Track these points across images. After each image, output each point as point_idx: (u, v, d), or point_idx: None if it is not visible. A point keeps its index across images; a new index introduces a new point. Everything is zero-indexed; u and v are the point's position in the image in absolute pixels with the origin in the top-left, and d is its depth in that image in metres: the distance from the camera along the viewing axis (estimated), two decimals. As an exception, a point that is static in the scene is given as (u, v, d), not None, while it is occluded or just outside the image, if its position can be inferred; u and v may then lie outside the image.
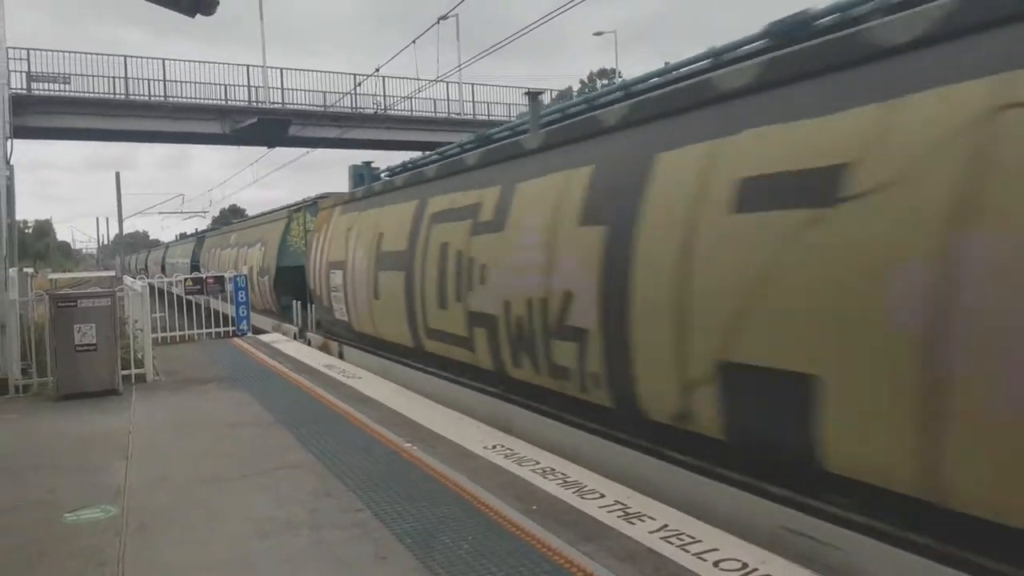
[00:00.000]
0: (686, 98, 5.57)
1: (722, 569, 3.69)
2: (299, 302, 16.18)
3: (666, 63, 7.54)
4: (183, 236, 52.98)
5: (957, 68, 3.59)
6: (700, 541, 4.03)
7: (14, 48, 27.90)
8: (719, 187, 4.81)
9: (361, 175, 15.25)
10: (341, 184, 19.81)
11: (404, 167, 13.67)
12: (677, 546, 3.97)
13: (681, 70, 7.13)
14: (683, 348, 5.04)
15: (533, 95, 8.85)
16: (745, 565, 3.72)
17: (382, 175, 14.51)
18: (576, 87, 59.00)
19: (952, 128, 3.52)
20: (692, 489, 5.04)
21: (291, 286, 17.16)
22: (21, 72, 28.04)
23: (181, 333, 14.62)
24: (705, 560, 3.79)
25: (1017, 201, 3.21)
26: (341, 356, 12.86)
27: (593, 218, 6.13)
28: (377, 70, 24.09)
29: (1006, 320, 3.22)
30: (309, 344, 14.54)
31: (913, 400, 3.59)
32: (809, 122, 4.29)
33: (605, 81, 58.86)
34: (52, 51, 29.14)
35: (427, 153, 14.85)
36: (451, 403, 8.01)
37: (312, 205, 17.03)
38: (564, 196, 6.57)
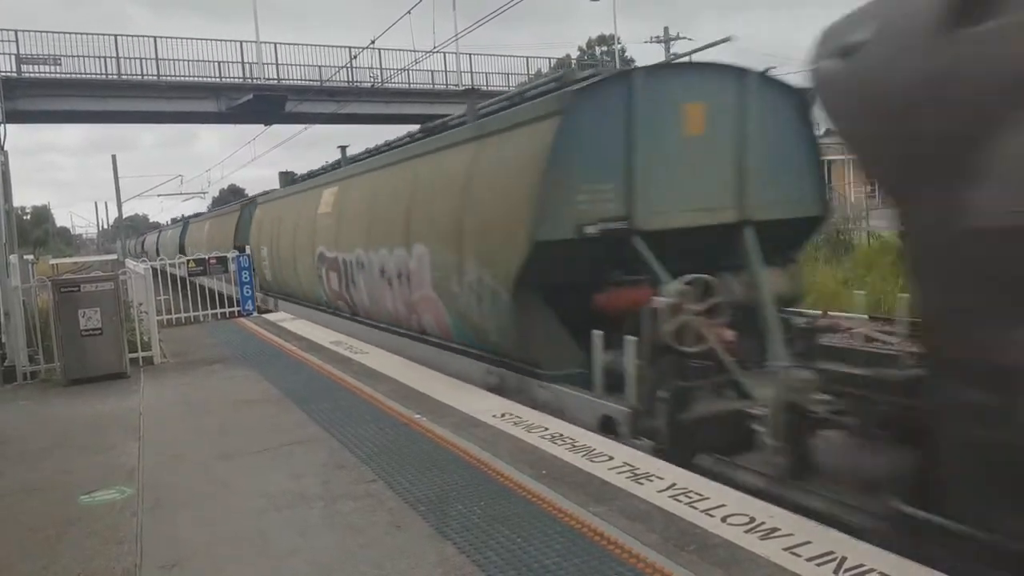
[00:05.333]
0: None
1: (730, 524, 3.74)
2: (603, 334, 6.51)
3: (665, 28, 7.35)
4: (211, 209, 41.97)
5: None
6: (708, 498, 4.08)
7: (2, 30, 27.67)
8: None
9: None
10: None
11: None
12: (685, 504, 4.03)
13: None
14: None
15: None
16: (752, 519, 3.77)
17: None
18: (575, 55, 58.34)
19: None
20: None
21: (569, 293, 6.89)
22: (10, 55, 27.75)
23: (187, 315, 14.66)
24: (713, 516, 3.85)
25: None
26: None
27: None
28: (372, 42, 23.79)
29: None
30: None
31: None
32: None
33: (604, 48, 58.15)
34: (42, 32, 28.75)
35: None
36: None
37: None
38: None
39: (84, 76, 29.45)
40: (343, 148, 13.81)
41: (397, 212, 9.83)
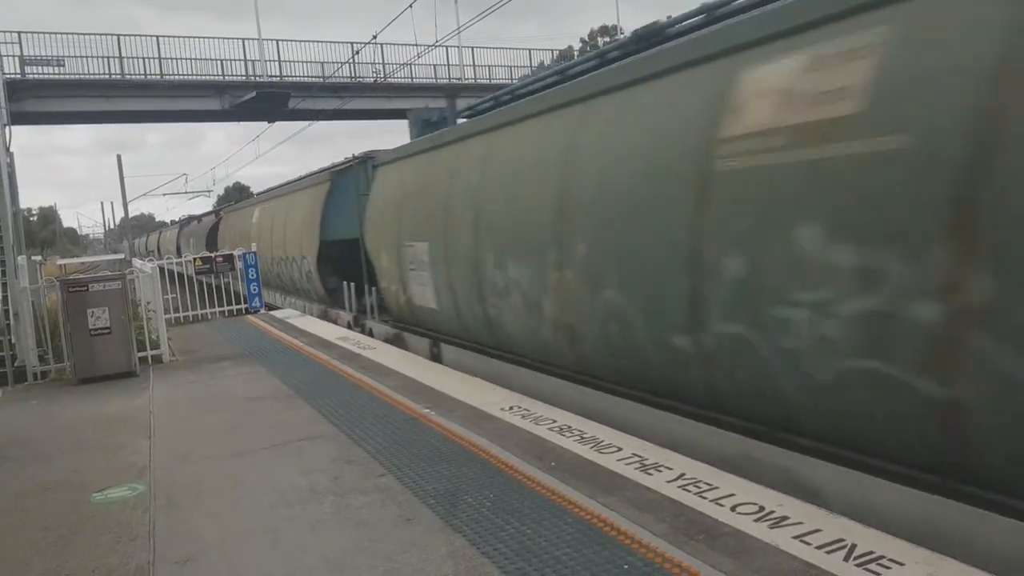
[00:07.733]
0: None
1: (739, 513, 3.75)
2: None
3: (668, 16, 7.30)
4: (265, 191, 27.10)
5: None
6: (717, 488, 4.09)
7: (5, 32, 27.75)
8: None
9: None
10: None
11: None
12: (694, 493, 4.04)
13: None
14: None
15: None
16: (762, 508, 3.78)
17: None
18: (577, 47, 58.12)
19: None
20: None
21: None
22: (14, 56, 27.80)
23: (195, 313, 14.71)
24: (723, 505, 3.85)
25: None
26: None
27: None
28: (375, 37, 23.74)
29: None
30: None
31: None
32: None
33: (607, 39, 57.92)
34: (45, 33, 28.90)
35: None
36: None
37: None
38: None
39: (88, 77, 29.52)
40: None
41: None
